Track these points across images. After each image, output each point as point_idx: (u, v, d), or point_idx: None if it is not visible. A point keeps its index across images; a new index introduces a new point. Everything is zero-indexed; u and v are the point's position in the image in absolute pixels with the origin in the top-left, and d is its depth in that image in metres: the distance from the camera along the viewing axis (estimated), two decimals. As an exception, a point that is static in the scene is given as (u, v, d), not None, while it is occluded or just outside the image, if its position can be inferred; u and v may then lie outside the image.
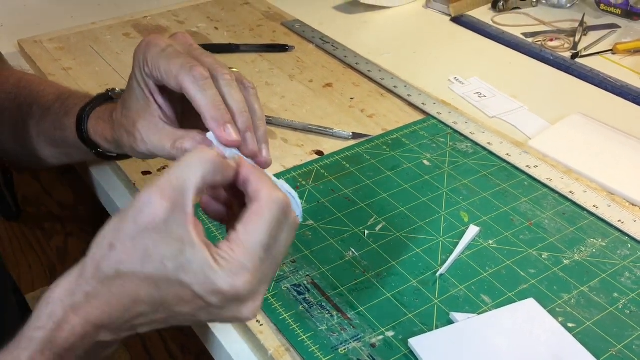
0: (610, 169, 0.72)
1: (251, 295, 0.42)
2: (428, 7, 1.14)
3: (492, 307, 0.56)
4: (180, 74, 0.47)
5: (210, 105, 0.47)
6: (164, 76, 0.48)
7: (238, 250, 0.41)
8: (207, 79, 0.47)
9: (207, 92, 0.47)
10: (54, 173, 2.10)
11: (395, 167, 0.73)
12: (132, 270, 0.41)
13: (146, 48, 0.49)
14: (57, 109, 0.65)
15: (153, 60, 0.48)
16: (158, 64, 0.48)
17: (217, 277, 0.40)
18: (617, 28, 1.06)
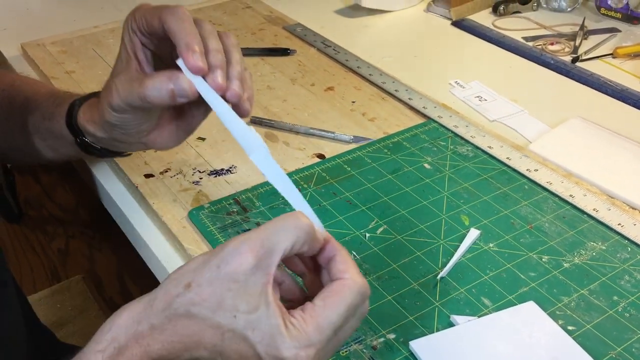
0: (610, 172, 0.72)
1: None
2: (429, 11, 1.15)
3: (492, 310, 0.56)
4: (163, 11, 0.51)
5: (185, 32, 0.51)
6: (149, 19, 0.52)
7: (311, 324, 0.41)
8: (188, 17, 0.51)
9: (185, 24, 0.51)
10: (56, 176, 2.10)
11: (396, 171, 0.73)
12: (203, 314, 0.41)
13: (135, 9, 0.54)
14: (50, 101, 0.67)
15: (141, 13, 0.53)
16: (145, 14, 0.53)
17: (284, 344, 0.41)
18: (617, 32, 1.07)
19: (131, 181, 0.71)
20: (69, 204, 1.99)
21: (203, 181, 0.71)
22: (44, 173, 2.12)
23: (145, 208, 0.70)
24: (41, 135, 0.68)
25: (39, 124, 0.67)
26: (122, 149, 0.66)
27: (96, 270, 1.75)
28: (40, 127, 0.67)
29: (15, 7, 1.13)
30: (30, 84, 0.72)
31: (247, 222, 0.65)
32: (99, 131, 0.61)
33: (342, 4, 1.17)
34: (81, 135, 0.63)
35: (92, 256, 1.80)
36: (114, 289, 1.67)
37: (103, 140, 0.62)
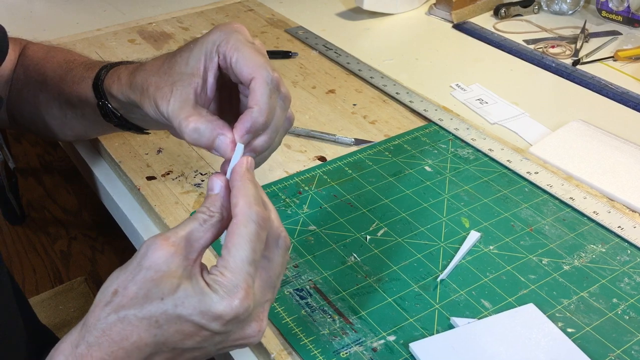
0: (611, 175, 0.73)
1: (251, 314, 0.43)
2: (430, 14, 1.15)
3: (492, 312, 0.56)
4: (259, 69, 0.47)
5: (260, 110, 0.47)
6: (239, 62, 0.48)
7: (226, 272, 0.42)
8: (276, 88, 0.48)
9: (270, 100, 0.47)
10: (58, 178, 2.11)
11: (397, 173, 0.73)
12: (133, 312, 0.42)
13: (232, 31, 0.49)
14: (82, 66, 0.67)
15: (236, 43, 0.48)
16: (240, 49, 0.48)
17: (213, 302, 0.42)
18: (618, 35, 1.07)
19: (133, 183, 0.72)
20: (71, 206, 2.00)
21: (204, 183, 0.71)
22: (47, 175, 2.13)
23: (147, 210, 0.70)
24: (70, 102, 0.68)
25: (69, 88, 0.67)
26: (141, 125, 0.64)
27: (98, 272, 1.75)
28: (70, 92, 0.67)
29: (19, 10, 1.13)
30: (64, 52, 0.72)
31: (249, 224, 0.65)
32: (123, 97, 0.59)
33: (343, 7, 1.17)
34: (104, 98, 0.62)
35: (94, 258, 1.81)
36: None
37: (124, 106, 0.60)
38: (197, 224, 0.44)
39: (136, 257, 0.43)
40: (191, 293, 0.42)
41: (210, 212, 0.45)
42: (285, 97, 0.50)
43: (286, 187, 0.71)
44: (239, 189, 0.45)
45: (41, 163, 2.18)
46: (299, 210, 0.67)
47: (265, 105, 0.47)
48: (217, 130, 0.47)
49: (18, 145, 2.24)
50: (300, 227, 0.65)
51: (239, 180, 0.45)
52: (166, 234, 0.43)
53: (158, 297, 0.42)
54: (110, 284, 0.43)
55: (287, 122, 0.52)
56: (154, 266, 0.42)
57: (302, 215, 0.67)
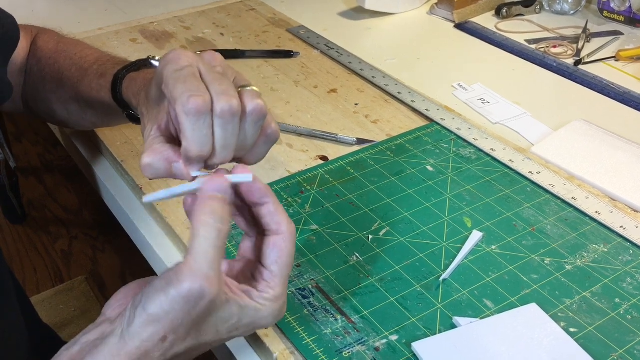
0: (613, 175, 0.73)
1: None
2: (432, 13, 1.15)
3: (494, 312, 0.56)
4: (177, 101, 0.44)
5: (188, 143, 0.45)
6: (169, 98, 0.46)
7: (279, 288, 0.46)
8: (199, 115, 0.44)
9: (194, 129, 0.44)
10: (59, 177, 2.11)
11: (399, 173, 0.73)
12: (189, 347, 0.44)
13: (166, 63, 0.47)
14: (94, 70, 0.67)
15: (166, 78, 0.46)
16: (168, 83, 0.46)
17: (265, 320, 0.46)
18: (620, 35, 1.07)
19: (135, 182, 0.71)
20: (72, 205, 2.00)
21: (207, 183, 0.71)
22: (48, 174, 2.13)
23: (149, 209, 0.70)
24: (92, 104, 0.68)
25: (88, 94, 0.67)
26: None
27: (99, 271, 1.75)
28: (92, 97, 0.67)
29: (20, 9, 1.13)
30: (73, 46, 0.72)
31: (251, 223, 0.65)
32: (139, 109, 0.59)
33: (345, 6, 1.17)
34: (128, 108, 0.63)
35: (95, 257, 1.81)
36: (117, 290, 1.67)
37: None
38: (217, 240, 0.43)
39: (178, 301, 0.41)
40: (245, 318, 0.45)
41: (224, 220, 0.44)
42: (252, 112, 0.46)
43: (288, 187, 0.71)
44: (278, 205, 0.47)
45: (42, 162, 2.18)
46: (301, 210, 0.67)
47: (191, 136, 0.44)
48: (170, 159, 0.47)
49: (19, 145, 2.24)
50: (303, 227, 0.65)
51: (272, 195, 0.48)
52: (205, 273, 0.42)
53: (213, 330, 0.44)
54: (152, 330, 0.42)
55: (265, 137, 0.49)
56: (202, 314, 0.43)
57: (304, 214, 0.67)
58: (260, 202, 0.47)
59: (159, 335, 0.42)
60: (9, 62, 0.71)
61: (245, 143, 0.47)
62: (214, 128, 0.45)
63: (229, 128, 0.45)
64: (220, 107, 0.44)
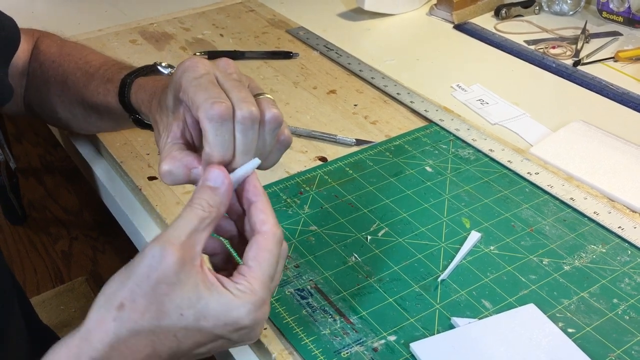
0: (611, 176, 0.73)
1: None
2: (431, 14, 1.15)
3: (492, 312, 0.57)
4: (200, 108, 0.45)
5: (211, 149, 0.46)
6: (190, 105, 0.47)
7: (256, 284, 0.44)
8: (222, 121, 0.45)
9: (217, 135, 0.45)
10: (59, 178, 2.11)
11: (398, 174, 0.73)
12: (148, 326, 0.41)
13: (183, 71, 0.48)
14: (100, 75, 0.67)
15: (185, 86, 0.47)
16: (188, 91, 0.47)
17: (241, 315, 0.43)
18: (619, 35, 1.07)
19: (135, 183, 0.72)
20: (72, 206, 2.00)
21: (206, 184, 0.71)
22: (48, 175, 2.13)
23: (149, 210, 0.70)
24: (98, 109, 0.68)
25: (95, 99, 0.67)
26: None
27: (99, 272, 1.75)
28: (98, 101, 0.67)
29: (21, 10, 1.13)
30: (78, 51, 0.72)
31: (250, 224, 0.65)
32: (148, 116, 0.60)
33: (344, 7, 1.17)
34: (135, 113, 0.63)
35: (95, 258, 1.81)
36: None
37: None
38: (196, 222, 0.43)
39: (140, 264, 0.41)
40: (215, 306, 0.42)
41: (210, 208, 0.44)
42: (270, 121, 0.47)
43: (287, 188, 0.71)
44: (267, 206, 0.46)
45: (42, 163, 2.18)
46: (300, 211, 0.67)
47: (213, 142, 0.45)
48: (190, 166, 0.48)
49: (19, 146, 2.25)
50: (301, 228, 0.65)
51: (263, 195, 0.47)
52: (169, 238, 0.42)
53: (176, 312, 0.41)
54: (113, 295, 0.41)
55: (279, 144, 0.50)
56: (164, 279, 0.41)
57: (303, 215, 0.67)
58: (252, 199, 0.47)
59: (117, 300, 0.41)
60: (10, 65, 0.71)
61: (264, 149, 0.48)
62: (235, 134, 0.46)
63: (249, 134, 0.46)
64: (242, 113, 0.45)
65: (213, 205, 0.44)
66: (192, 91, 0.46)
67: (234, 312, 0.42)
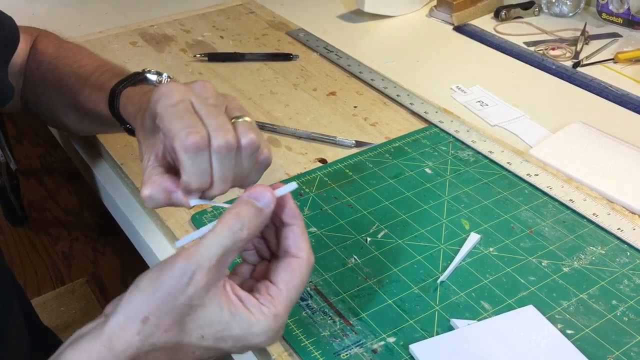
0: (610, 177, 0.73)
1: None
2: (431, 16, 1.15)
3: (492, 314, 0.57)
4: (175, 138, 0.45)
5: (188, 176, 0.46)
6: (166, 134, 0.47)
7: (281, 307, 0.44)
8: (197, 151, 0.45)
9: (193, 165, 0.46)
10: (60, 179, 2.12)
11: (398, 175, 0.74)
12: (169, 343, 0.42)
13: (159, 98, 0.48)
14: (92, 82, 0.67)
15: (161, 113, 0.47)
16: (163, 119, 0.47)
17: (258, 337, 0.43)
18: (618, 37, 1.07)
19: (135, 185, 0.72)
20: (73, 208, 2.00)
21: (206, 185, 0.72)
22: (48, 176, 2.14)
23: (149, 212, 0.70)
24: (91, 115, 0.68)
25: (87, 105, 0.67)
26: None
27: (100, 273, 1.76)
28: (90, 108, 0.67)
29: (21, 12, 1.13)
30: (74, 53, 0.72)
31: (250, 226, 0.65)
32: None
33: (344, 9, 1.17)
34: (126, 123, 0.63)
35: (96, 259, 1.81)
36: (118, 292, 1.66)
37: None
38: (230, 243, 0.42)
39: (168, 282, 0.41)
40: (236, 330, 0.43)
41: (249, 229, 0.43)
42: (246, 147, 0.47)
43: (287, 189, 0.71)
44: (303, 230, 0.46)
45: (42, 164, 2.19)
46: (300, 212, 0.68)
47: (190, 171, 0.46)
48: (169, 190, 0.48)
49: (19, 147, 2.25)
50: (301, 229, 0.65)
51: (300, 218, 0.47)
52: (200, 261, 0.41)
53: (198, 333, 0.42)
54: (138, 307, 0.41)
55: (258, 164, 0.50)
56: (190, 301, 0.41)
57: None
58: (288, 222, 0.46)
59: (142, 314, 0.41)
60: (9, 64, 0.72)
61: (242, 173, 0.49)
62: (211, 162, 0.46)
63: (226, 162, 0.47)
64: (217, 142, 0.46)
65: (253, 227, 0.43)
66: (167, 120, 0.46)
67: (254, 337, 0.43)
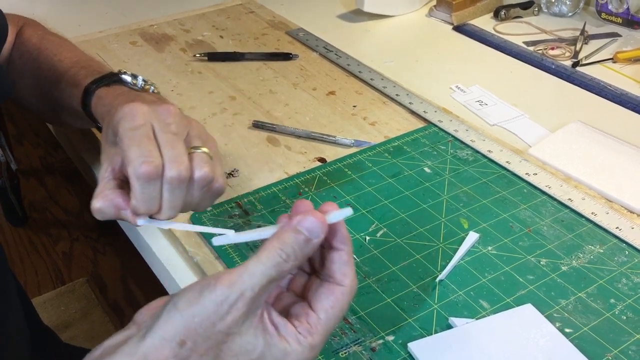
0: (609, 176, 0.73)
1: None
2: (431, 15, 1.15)
3: (490, 313, 0.57)
4: (130, 164, 0.48)
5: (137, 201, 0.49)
6: (122, 155, 0.49)
7: (318, 336, 0.42)
8: (149, 180, 0.48)
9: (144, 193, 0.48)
10: (60, 179, 2.12)
11: (397, 174, 0.74)
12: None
13: (121, 118, 0.50)
14: (69, 77, 0.66)
15: (121, 135, 0.49)
16: (122, 141, 0.49)
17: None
18: (617, 37, 1.07)
19: (134, 185, 0.72)
20: (73, 207, 2.00)
21: (205, 185, 0.72)
22: (49, 176, 2.14)
23: (148, 211, 0.70)
24: (66, 109, 0.68)
25: (62, 99, 0.67)
26: None
27: (100, 273, 1.76)
28: (64, 103, 0.67)
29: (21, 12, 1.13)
30: (55, 46, 0.72)
31: (249, 225, 0.66)
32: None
33: (344, 8, 1.17)
34: (98, 122, 0.63)
35: (96, 259, 1.81)
36: (118, 292, 1.68)
37: None
38: (274, 274, 0.41)
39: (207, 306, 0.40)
40: (269, 358, 0.41)
41: (296, 259, 0.41)
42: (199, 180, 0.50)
43: (286, 188, 0.71)
44: (350, 257, 0.45)
45: (43, 164, 2.19)
46: (299, 211, 0.68)
47: (140, 197, 0.48)
48: (119, 207, 0.50)
49: (20, 147, 2.25)
50: (300, 228, 0.65)
51: (349, 245, 0.45)
52: (243, 289, 0.40)
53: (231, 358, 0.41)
54: (175, 328, 0.40)
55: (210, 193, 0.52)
56: (228, 329, 0.40)
57: (302, 216, 0.67)
58: (337, 247, 0.44)
59: (180, 336, 0.40)
60: None
61: (191, 202, 0.50)
62: (162, 191, 0.48)
63: (176, 192, 0.49)
64: (170, 174, 0.48)
65: (300, 257, 0.42)
66: (125, 144, 0.48)
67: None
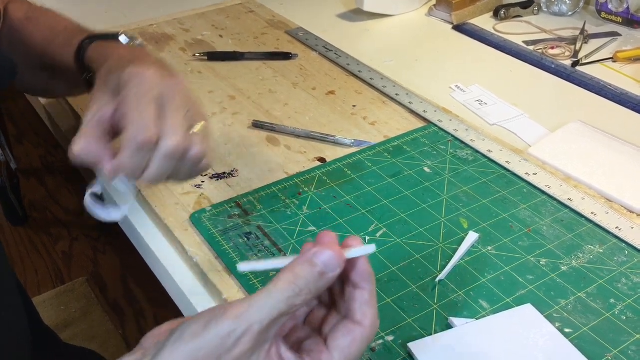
0: (609, 176, 0.73)
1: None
2: (430, 15, 1.15)
3: (490, 313, 0.57)
4: (127, 128, 0.48)
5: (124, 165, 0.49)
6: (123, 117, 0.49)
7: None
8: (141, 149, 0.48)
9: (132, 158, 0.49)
10: (60, 179, 2.12)
11: (396, 174, 0.74)
12: None
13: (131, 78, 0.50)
14: (62, 38, 0.67)
15: (126, 96, 0.49)
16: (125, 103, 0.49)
17: None
18: (617, 36, 1.07)
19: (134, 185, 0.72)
20: (73, 207, 2.00)
21: (205, 184, 0.72)
22: (49, 176, 2.14)
23: (148, 211, 0.70)
24: (57, 72, 0.68)
25: (53, 59, 0.67)
26: None
27: (100, 272, 1.76)
28: (55, 62, 0.67)
29: (21, 11, 1.14)
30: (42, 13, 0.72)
31: (249, 225, 0.66)
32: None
33: (344, 8, 1.17)
34: (88, 72, 0.63)
35: (96, 259, 1.81)
36: (118, 292, 1.68)
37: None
38: (285, 308, 0.39)
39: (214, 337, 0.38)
40: None
41: (308, 294, 0.39)
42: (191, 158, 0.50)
43: (286, 188, 0.71)
44: (373, 296, 0.42)
45: (43, 164, 2.19)
46: (299, 211, 0.68)
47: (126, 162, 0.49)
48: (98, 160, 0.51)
49: (20, 147, 2.25)
50: (300, 228, 0.65)
51: (372, 282, 0.42)
52: (251, 322, 0.38)
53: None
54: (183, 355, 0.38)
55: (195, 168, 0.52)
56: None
57: (301, 216, 0.67)
58: (359, 284, 0.42)
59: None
60: None
61: (176, 175, 0.51)
62: (153, 159, 0.48)
63: (166, 164, 0.49)
64: (165, 145, 0.48)
65: (312, 292, 0.40)
66: (128, 107, 0.48)
67: None
